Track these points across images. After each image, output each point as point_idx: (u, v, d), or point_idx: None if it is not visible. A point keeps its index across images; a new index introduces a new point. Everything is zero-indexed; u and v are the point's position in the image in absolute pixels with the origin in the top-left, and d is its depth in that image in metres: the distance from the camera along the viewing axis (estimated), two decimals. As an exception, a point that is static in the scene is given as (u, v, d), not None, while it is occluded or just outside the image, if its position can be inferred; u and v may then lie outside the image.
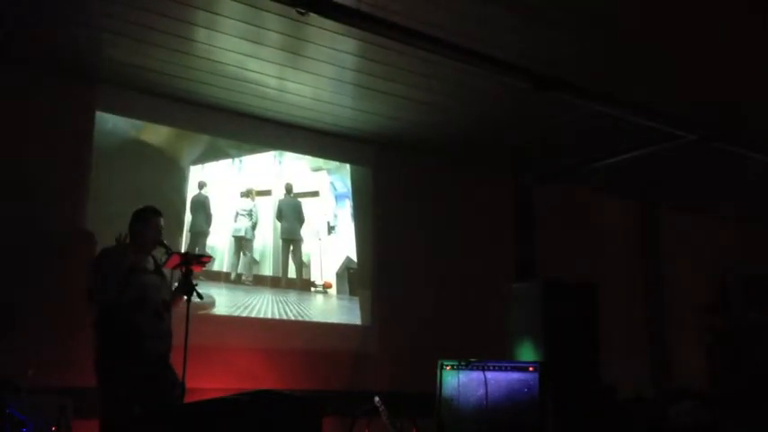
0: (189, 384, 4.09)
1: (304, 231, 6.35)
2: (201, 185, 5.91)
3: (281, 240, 6.24)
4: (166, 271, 4.41)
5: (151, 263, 4.30)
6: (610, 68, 5.16)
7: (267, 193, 6.23)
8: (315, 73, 5.24)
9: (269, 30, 4.63)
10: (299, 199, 6.38)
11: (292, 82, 5.40)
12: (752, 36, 4.67)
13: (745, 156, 6.48)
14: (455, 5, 4.31)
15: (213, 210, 5.91)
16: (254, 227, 6.10)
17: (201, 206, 5.87)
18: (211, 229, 5.88)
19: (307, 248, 6.33)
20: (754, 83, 5.37)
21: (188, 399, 4.03)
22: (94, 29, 4.61)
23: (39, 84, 5.13)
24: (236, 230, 6.00)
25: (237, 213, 6.06)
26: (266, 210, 6.20)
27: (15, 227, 4.91)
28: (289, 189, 6.36)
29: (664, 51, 4.88)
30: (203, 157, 5.99)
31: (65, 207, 5.15)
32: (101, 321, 4.04)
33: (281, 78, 5.35)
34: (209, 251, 5.67)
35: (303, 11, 4.07)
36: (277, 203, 6.27)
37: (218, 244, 5.89)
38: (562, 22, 4.51)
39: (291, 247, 6.28)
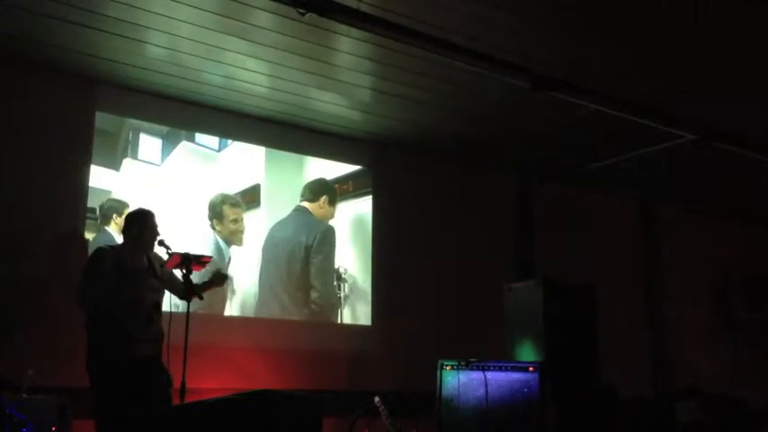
0: (189, 384, 4.08)
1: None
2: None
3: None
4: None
5: (146, 263, 4.24)
6: (610, 68, 5.15)
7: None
8: (314, 73, 5.24)
9: (266, 29, 4.63)
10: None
11: (290, 81, 5.40)
12: (752, 35, 4.67)
13: (745, 156, 6.48)
14: (455, 5, 4.31)
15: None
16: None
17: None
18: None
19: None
20: (754, 83, 5.37)
21: (188, 399, 4.02)
22: (94, 29, 4.61)
23: (39, 84, 5.13)
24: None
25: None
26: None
27: (14, 226, 4.92)
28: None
29: (663, 51, 4.88)
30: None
31: (64, 207, 5.14)
32: (90, 323, 3.99)
33: (278, 78, 5.34)
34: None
35: (303, 11, 4.07)
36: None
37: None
38: (562, 22, 4.51)
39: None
